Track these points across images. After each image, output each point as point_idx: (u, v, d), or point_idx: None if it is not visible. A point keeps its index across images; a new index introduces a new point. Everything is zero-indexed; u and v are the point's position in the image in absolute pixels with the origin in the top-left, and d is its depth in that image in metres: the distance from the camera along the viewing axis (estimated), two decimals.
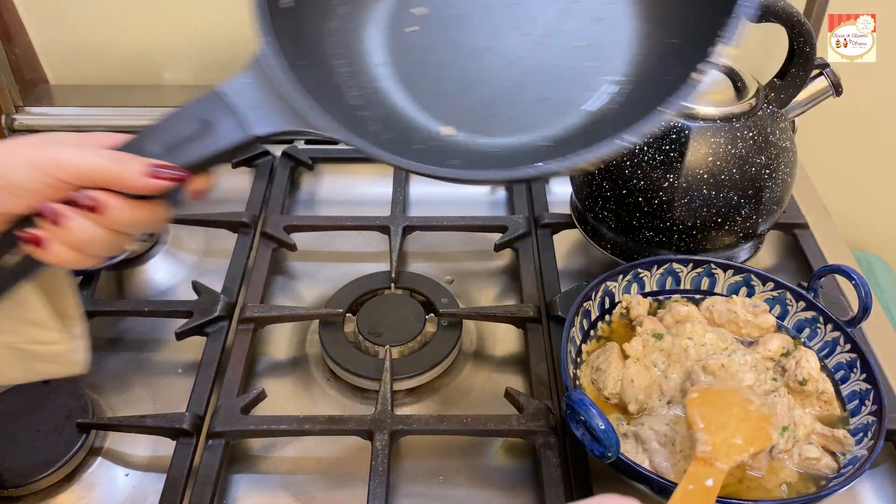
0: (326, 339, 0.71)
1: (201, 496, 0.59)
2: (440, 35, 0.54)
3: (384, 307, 0.75)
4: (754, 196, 0.70)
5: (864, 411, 0.61)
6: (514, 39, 0.52)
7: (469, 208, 0.88)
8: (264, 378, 0.71)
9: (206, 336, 0.71)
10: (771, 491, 0.57)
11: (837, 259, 0.80)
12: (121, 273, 0.81)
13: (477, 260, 0.84)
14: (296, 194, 0.92)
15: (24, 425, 0.64)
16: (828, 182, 0.96)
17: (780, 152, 0.71)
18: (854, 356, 0.64)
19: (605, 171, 0.73)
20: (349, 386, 0.70)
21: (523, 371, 0.71)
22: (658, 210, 0.71)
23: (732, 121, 0.69)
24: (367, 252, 0.84)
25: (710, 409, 0.54)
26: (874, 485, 0.63)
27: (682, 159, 0.69)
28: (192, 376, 0.68)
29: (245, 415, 0.64)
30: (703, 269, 0.71)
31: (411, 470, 0.64)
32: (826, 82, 0.73)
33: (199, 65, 1.03)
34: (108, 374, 0.71)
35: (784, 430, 0.58)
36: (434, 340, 0.72)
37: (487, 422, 0.64)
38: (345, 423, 0.64)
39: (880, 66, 0.80)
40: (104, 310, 0.74)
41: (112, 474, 0.63)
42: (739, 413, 0.55)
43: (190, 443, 0.63)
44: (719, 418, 0.53)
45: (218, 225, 0.83)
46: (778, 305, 0.69)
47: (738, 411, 0.55)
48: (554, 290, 0.75)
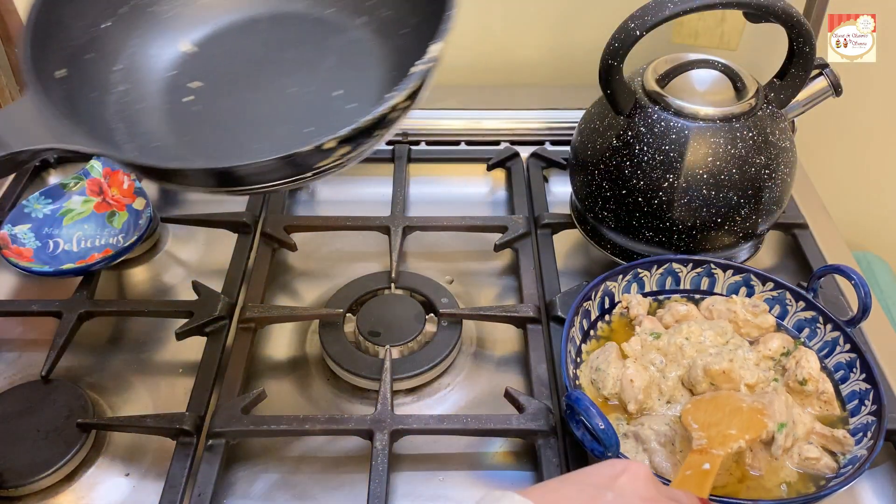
0: (326, 339, 0.71)
1: (201, 496, 0.59)
2: (215, 102, 0.63)
3: (384, 307, 0.75)
4: (754, 196, 0.70)
5: (864, 411, 0.61)
6: (278, 93, 0.62)
7: (469, 208, 0.88)
8: (264, 378, 0.71)
9: (207, 336, 0.71)
10: (771, 490, 0.57)
11: (837, 259, 0.80)
12: (121, 273, 0.81)
13: (477, 260, 0.84)
14: (296, 194, 0.92)
15: (24, 425, 0.64)
16: (827, 182, 0.96)
17: (779, 152, 0.71)
18: (854, 356, 0.64)
19: (604, 171, 0.73)
20: (349, 386, 0.70)
21: (523, 371, 0.71)
22: (658, 210, 0.71)
23: (732, 121, 0.69)
24: (367, 252, 0.84)
25: (703, 413, 0.56)
26: (874, 485, 0.63)
27: (682, 159, 0.69)
28: (192, 376, 0.68)
29: (245, 415, 0.64)
30: (703, 269, 0.71)
31: (411, 470, 0.64)
32: (826, 82, 0.73)
33: None
34: (108, 374, 0.71)
35: (782, 426, 0.58)
36: (434, 340, 0.72)
37: (487, 422, 0.64)
38: (345, 423, 0.64)
39: (880, 66, 0.80)
40: (104, 310, 0.74)
41: (112, 474, 0.63)
42: (732, 410, 0.56)
43: (190, 443, 0.63)
44: (712, 418, 0.55)
45: (218, 225, 0.83)
46: (777, 305, 0.69)
47: (730, 409, 0.56)
48: (554, 290, 0.76)
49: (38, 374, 0.67)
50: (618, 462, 0.42)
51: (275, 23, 0.68)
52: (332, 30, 0.67)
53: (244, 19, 0.68)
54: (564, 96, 0.99)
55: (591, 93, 0.76)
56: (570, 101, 0.95)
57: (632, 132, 0.71)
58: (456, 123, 0.98)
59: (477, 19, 1.01)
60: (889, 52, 0.82)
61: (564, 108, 0.97)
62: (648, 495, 0.39)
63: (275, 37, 0.67)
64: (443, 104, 0.99)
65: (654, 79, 0.72)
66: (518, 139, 0.96)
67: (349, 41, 0.66)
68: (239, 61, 0.66)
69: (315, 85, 0.63)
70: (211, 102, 0.63)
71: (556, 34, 1.02)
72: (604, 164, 0.73)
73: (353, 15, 0.67)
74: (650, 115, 0.70)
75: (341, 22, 0.67)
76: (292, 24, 0.68)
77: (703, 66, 0.73)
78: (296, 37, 0.67)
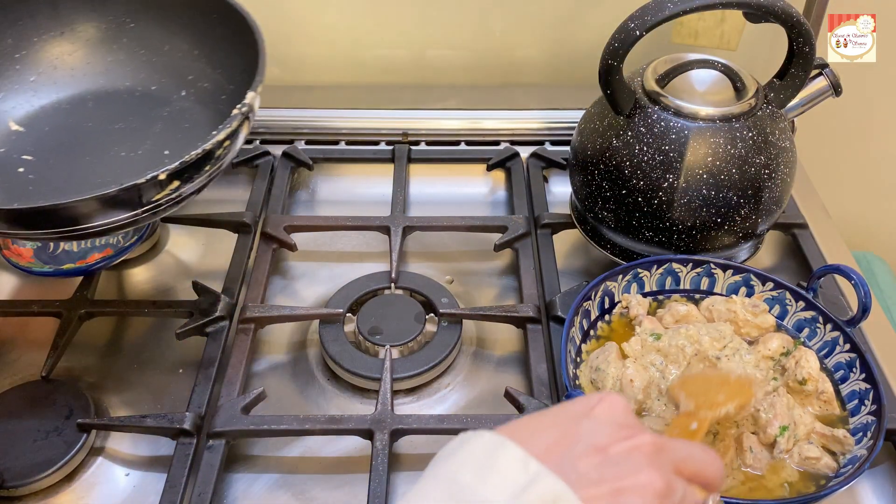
0: (326, 339, 0.71)
1: (201, 496, 0.59)
2: (48, 170, 0.69)
3: (384, 307, 0.75)
4: (754, 196, 0.70)
5: (864, 411, 0.61)
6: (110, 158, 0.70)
7: (469, 208, 0.88)
8: (264, 378, 0.71)
9: (207, 336, 0.71)
10: (772, 490, 0.57)
11: (837, 259, 0.80)
12: (121, 273, 0.81)
13: (477, 260, 0.84)
14: (296, 194, 0.92)
15: (24, 425, 0.64)
16: (827, 182, 0.96)
17: (779, 152, 0.71)
18: (853, 356, 0.64)
19: (604, 171, 0.73)
20: (349, 386, 0.70)
21: (523, 371, 0.71)
22: (658, 210, 0.71)
23: (732, 121, 0.69)
24: (367, 252, 0.84)
25: (691, 385, 0.55)
26: (874, 484, 0.63)
27: (682, 159, 0.69)
28: (192, 376, 0.68)
29: (245, 415, 0.64)
30: (703, 269, 0.71)
31: (411, 470, 0.64)
32: (825, 82, 0.73)
33: None
34: (108, 374, 0.71)
35: (784, 429, 0.58)
36: (434, 340, 0.72)
37: (487, 422, 0.64)
38: (345, 422, 0.64)
39: (880, 66, 0.80)
40: (104, 310, 0.75)
41: (112, 474, 0.63)
42: (720, 381, 0.55)
43: (190, 443, 0.63)
44: (700, 388, 0.54)
45: (218, 225, 0.83)
46: (777, 305, 0.69)
47: (718, 381, 0.55)
48: (554, 290, 0.76)
49: (38, 374, 0.67)
50: (595, 394, 0.42)
51: (102, 99, 0.76)
52: (158, 103, 0.75)
53: (71, 97, 0.76)
54: (564, 96, 0.99)
55: (591, 93, 0.76)
56: (570, 101, 0.95)
57: (631, 132, 0.71)
58: (456, 123, 0.98)
59: (477, 19, 1.01)
60: (889, 52, 0.82)
61: (564, 108, 0.97)
62: (625, 422, 0.39)
63: (103, 112, 0.75)
64: (443, 104, 0.99)
65: (654, 79, 0.72)
66: (518, 139, 0.96)
67: (174, 110, 0.74)
68: (69, 134, 0.73)
69: (144, 148, 0.71)
70: (44, 171, 0.69)
71: (556, 34, 1.02)
72: (604, 164, 0.73)
73: (177, 88, 0.76)
74: (650, 115, 0.70)
75: (165, 95, 0.76)
76: (119, 100, 0.75)
77: (702, 66, 0.73)
78: (124, 110, 0.75)
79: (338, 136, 0.97)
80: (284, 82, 1.03)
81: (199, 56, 0.75)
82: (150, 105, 0.75)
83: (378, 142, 0.96)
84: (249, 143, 0.94)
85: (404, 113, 0.98)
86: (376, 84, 1.04)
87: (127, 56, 0.77)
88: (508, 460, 0.36)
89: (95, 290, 0.76)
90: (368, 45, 1.02)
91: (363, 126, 0.97)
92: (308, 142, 0.96)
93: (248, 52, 0.67)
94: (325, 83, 1.04)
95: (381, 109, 0.98)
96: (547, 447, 0.37)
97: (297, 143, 0.95)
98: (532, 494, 0.34)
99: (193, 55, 0.76)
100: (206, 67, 0.75)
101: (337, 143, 0.97)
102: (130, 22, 0.77)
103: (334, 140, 0.97)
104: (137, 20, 0.77)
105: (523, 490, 0.34)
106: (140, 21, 0.77)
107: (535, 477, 0.35)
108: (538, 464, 0.35)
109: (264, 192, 0.88)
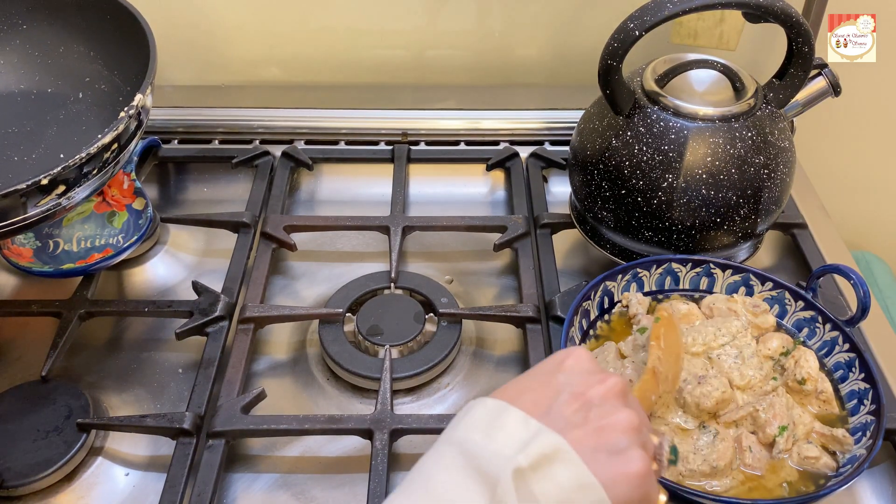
0: (326, 338, 0.71)
1: (201, 496, 0.59)
2: None
3: (384, 307, 0.75)
4: (753, 196, 0.70)
5: (863, 410, 0.61)
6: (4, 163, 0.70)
7: (469, 208, 0.88)
8: (264, 378, 0.71)
9: (206, 336, 0.71)
10: (772, 490, 0.57)
11: (836, 259, 0.80)
12: (121, 273, 0.81)
13: (476, 260, 0.84)
14: (296, 194, 0.92)
15: (24, 425, 0.64)
16: (826, 182, 0.96)
17: (778, 152, 0.71)
18: (853, 356, 0.64)
19: (604, 171, 0.73)
20: (349, 386, 0.70)
21: (523, 371, 0.71)
22: (657, 210, 0.71)
23: (731, 121, 0.69)
24: (367, 252, 0.84)
25: (667, 337, 0.58)
26: (873, 484, 0.63)
27: (681, 159, 0.69)
28: (192, 376, 0.68)
29: (245, 414, 0.64)
30: (702, 269, 0.71)
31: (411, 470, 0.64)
32: (825, 82, 0.73)
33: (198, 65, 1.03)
34: (108, 374, 0.71)
35: (783, 429, 0.58)
36: (434, 340, 0.72)
37: None
38: (345, 422, 0.64)
39: (880, 66, 0.80)
40: (104, 310, 0.75)
41: (112, 474, 0.63)
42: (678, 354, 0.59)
43: (190, 443, 0.63)
44: (671, 351, 0.57)
45: (218, 225, 0.83)
46: (777, 305, 0.69)
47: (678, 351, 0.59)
48: (553, 289, 0.76)
49: (38, 374, 0.67)
50: (562, 350, 0.48)
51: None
52: (53, 105, 0.74)
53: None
54: (564, 96, 0.99)
55: (591, 93, 0.76)
56: (570, 101, 0.95)
57: (631, 132, 0.71)
58: (455, 123, 0.98)
59: (477, 19, 1.01)
60: (889, 52, 0.82)
61: (564, 109, 0.97)
62: (593, 368, 0.45)
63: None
64: (443, 104, 0.99)
65: (654, 79, 0.73)
66: (517, 139, 0.96)
67: (70, 113, 0.74)
68: None
69: (38, 152, 0.70)
70: None
71: (556, 34, 1.02)
72: (603, 164, 0.73)
73: (73, 91, 0.75)
74: (649, 115, 0.70)
75: (61, 98, 0.75)
76: (13, 103, 0.75)
77: (702, 66, 0.73)
78: (18, 113, 0.74)
79: (337, 136, 0.97)
80: (284, 82, 1.03)
81: (96, 58, 0.75)
82: (45, 108, 0.74)
83: (378, 142, 0.96)
84: (249, 142, 0.95)
85: (404, 113, 0.98)
86: (376, 84, 1.04)
87: (20, 58, 0.76)
88: (512, 420, 0.42)
89: (95, 290, 0.76)
90: (368, 45, 1.02)
91: (363, 126, 0.97)
92: (308, 142, 0.96)
93: (141, 53, 0.67)
94: (325, 83, 1.04)
95: (380, 109, 0.98)
96: (535, 402, 0.43)
97: (297, 143, 0.95)
98: (534, 447, 0.40)
99: (90, 57, 0.75)
100: (102, 69, 0.74)
101: (336, 143, 0.97)
102: (22, 24, 0.76)
103: (334, 140, 0.97)
104: (30, 22, 0.76)
105: (526, 444, 0.40)
106: (33, 23, 0.76)
107: (537, 433, 0.41)
108: (537, 422, 0.41)
109: (264, 192, 0.88)
